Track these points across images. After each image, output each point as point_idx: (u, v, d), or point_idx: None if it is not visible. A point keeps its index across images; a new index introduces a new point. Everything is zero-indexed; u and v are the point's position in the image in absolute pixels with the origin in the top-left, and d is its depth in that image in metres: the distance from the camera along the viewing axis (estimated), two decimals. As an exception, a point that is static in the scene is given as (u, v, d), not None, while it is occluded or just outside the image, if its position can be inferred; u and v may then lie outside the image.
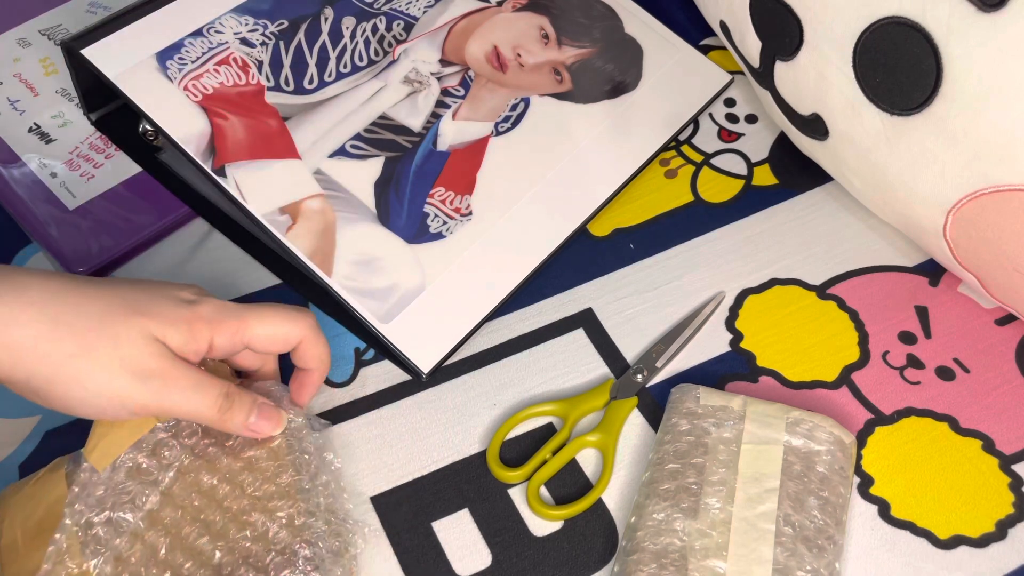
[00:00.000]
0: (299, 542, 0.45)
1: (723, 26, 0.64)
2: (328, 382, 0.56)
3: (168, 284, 0.48)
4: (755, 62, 0.61)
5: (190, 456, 0.47)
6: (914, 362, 0.56)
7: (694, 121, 0.68)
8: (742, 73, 0.70)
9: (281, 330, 0.49)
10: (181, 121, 0.57)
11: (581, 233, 0.62)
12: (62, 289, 0.45)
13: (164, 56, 0.59)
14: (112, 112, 0.64)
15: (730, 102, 0.70)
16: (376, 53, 0.63)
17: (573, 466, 0.53)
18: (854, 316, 0.58)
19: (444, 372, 0.57)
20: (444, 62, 0.65)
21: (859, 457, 0.53)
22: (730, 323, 0.58)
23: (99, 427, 0.47)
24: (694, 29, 0.73)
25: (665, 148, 0.66)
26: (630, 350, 0.57)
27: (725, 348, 0.57)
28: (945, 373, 0.56)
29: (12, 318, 0.43)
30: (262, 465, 0.48)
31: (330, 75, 0.62)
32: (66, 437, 0.54)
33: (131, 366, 0.44)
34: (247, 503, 0.46)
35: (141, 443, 0.47)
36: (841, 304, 0.59)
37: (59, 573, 0.44)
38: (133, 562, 0.44)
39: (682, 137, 0.68)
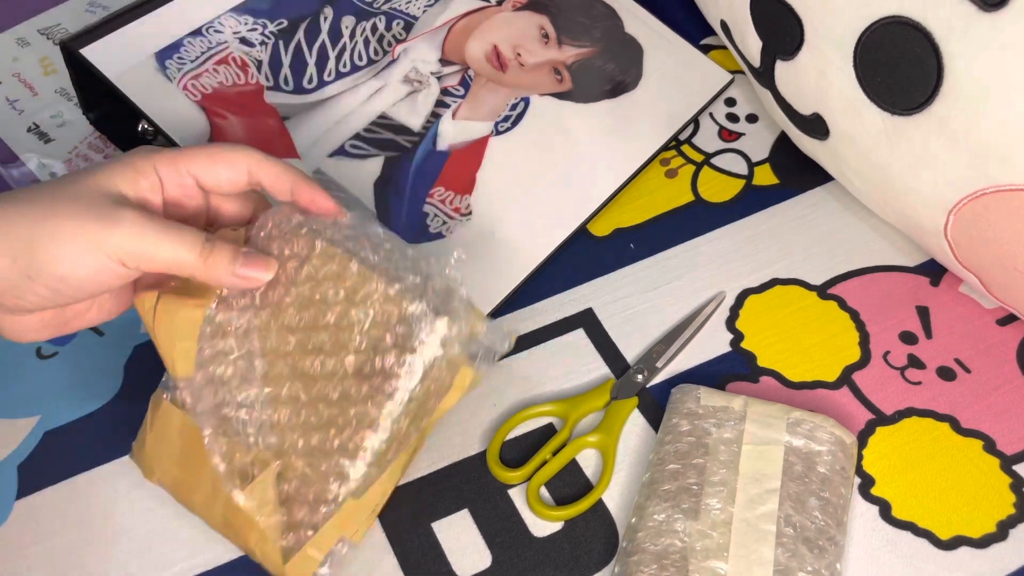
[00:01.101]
0: (404, 307, 0.45)
1: (723, 25, 0.64)
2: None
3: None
4: (755, 61, 0.61)
5: (255, 309, 0.46)
6: (915, 362, 0.56)
7: (694, 121, 0.68)
8: (742, 73, 0.70)
9: (222, 153, 0.46)
10: (180, 121, 0.57)
11: (581, 233, 0.62)
12: (15, 190, 0.45)
13: (163, 56, 0.58)
14: (111, 111, 0.63)
15: (731, 102, 0.70)
16: (376, 52, 0.63)
17: (573, 467, 0.53)
18: (855, 316, 0.58)
19: (444, 372, 0.56)
20: (444, 61, 0.64)
21: (860, 457, 0.53)
22: (731, 323, 0.58)
23: (162, 344, 0.46)
24: (694, 29, 0.72)
25: (665, 148, 0.66)
26: (630, 350, 0.57)
27: (726, 348, 0.57)
28: (946, 373, 0.56)
29: None
30: (323, 272, 0.46)
31: (330, 74, 0.62)
32: (66, 437, 0.54)
33: (98, 214, 0.43)
34: (338, 309, 0.46)
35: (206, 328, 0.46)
36: (842, 304, 0.59)
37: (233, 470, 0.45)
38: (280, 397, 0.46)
39: (682, 137, 0.68)
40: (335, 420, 0.45)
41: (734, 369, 0.56)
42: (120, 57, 0.57)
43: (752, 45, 0.60)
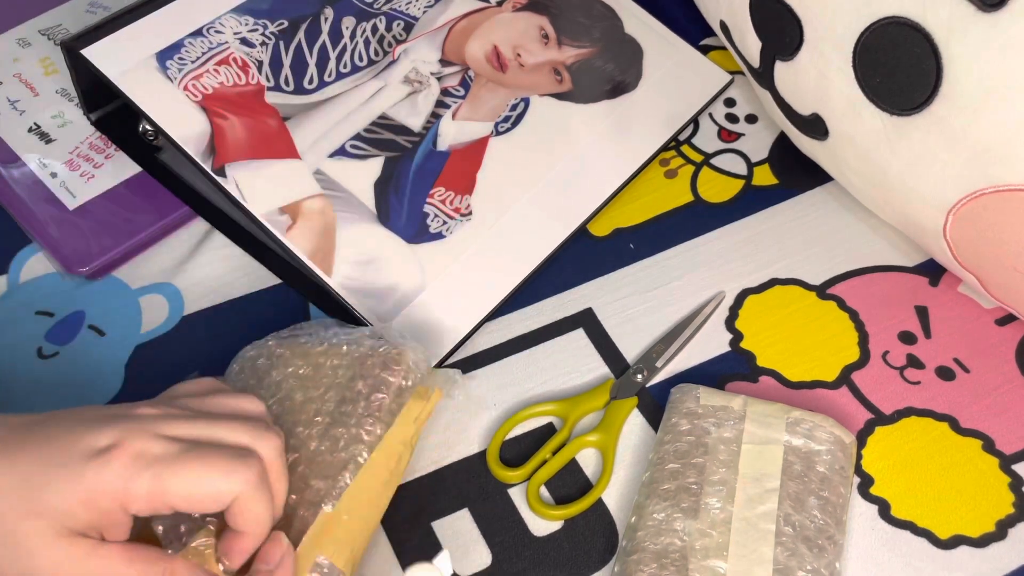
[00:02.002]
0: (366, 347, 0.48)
1: (723, 26, 0.64)
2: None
3: (81, 424, 0.40)
4: (755, 62, 0.61)
5: None
6: (914, 362, 0.56)
7: (694, 121, 0.68)
8: (742, 73, 0.70)
9: (206, 489, 0.39)
10: (181, 121, 0.57)
11: (581, 233, 0.62)
12: None
13: (164, 56, 0.59)
14: (112, 112, 0.63)
15: (730, 102, 0.70)
16: (376, 53, 0.63)
17: (573, 466, 0.53)
18: (854, 316, 0.58)
19: (444, 372, 0.57)
20: (444, 62, 0.65)
21: (859, 457, 0.53)
22: (730, 323, 0.58)
23: None
24: (694, 29, 0.73)
25: (665, 148, 0.66)
26: (630, 350, 0.57)
27: (725, 348, 0.57)
28: (945, 373, 0.56)
29: None
30: (291, 366, 0.49)
31: (330, 75, 0.62)
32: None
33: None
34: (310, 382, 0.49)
35: None
36: (841, 304, 0.59)
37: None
38: None
39: (682, 137, 0.68)
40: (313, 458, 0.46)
41: (733, 369, 0.56)
42: (121, 57, 0.57)
43: (752, 45, 0.60)
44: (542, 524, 0.51)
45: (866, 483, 0.52)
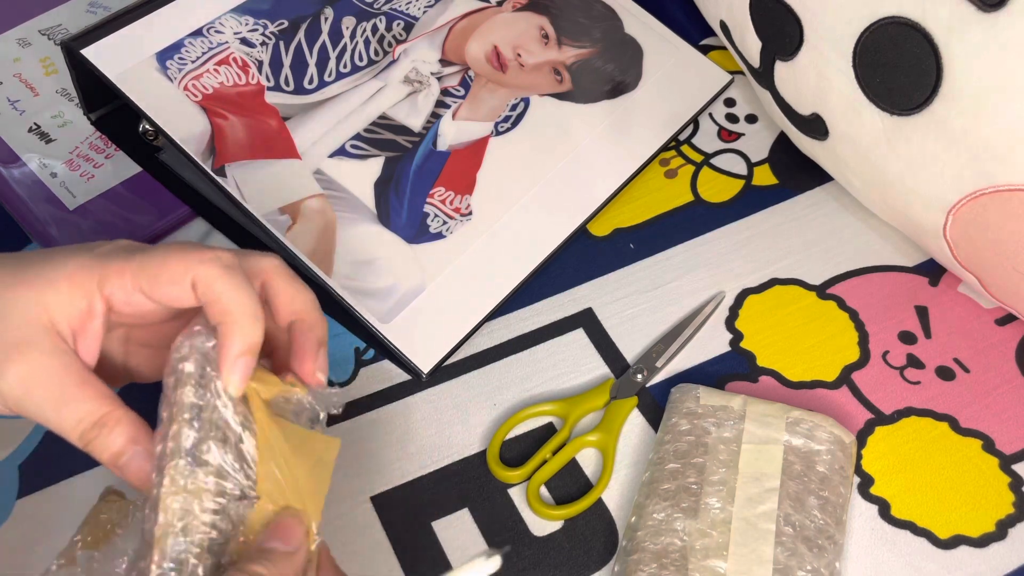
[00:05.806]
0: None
1: (723, 26, 0.64)
2: (328, 382, 0.56)
3: (95, 243, 0.40)
4: (755, 62, 0.61)
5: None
6: (914, 362, 0.56)
7: (694, 121, 0.68)
8: (742, 73, 0.70)
9: (174, 268, 0.37)
10: (181, 121, 0.57)
11: (581, 233, 0.62)
12: None
13: (164, 56, 0.59)
14: (112, 112, 0.64)
15: (730, 102, 0.70)
16: (376, 53, 0.64)
17: (573, 466, 0.53)
18: (854, 316, 0.58)
19: (444, 372, 0.57)
20: (444, 62, 0.65)
21: (859, 457, 0.53)
22: (730, 323, 0.58)
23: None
24: (694, 29, 0.73)
25: (665, 148, 0.66)
26: (630, 350, 0.57)
27: (725, 348, 0.57)
28: (945, 373, 0.56)
29: None
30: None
31: (330, 75, 0.62)
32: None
33: (4, 344, 0.37)
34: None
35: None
36: (841, 304, 0.59)
37: None
38: None
39: (682, 137, 0.68)
40: None
41: (733, 369, 0.56)
42: (121, 57, 0.57)
43: (752, 45, 0.60)
44: (542, 524, 0.51)
45: (866, 483, 0.52)
